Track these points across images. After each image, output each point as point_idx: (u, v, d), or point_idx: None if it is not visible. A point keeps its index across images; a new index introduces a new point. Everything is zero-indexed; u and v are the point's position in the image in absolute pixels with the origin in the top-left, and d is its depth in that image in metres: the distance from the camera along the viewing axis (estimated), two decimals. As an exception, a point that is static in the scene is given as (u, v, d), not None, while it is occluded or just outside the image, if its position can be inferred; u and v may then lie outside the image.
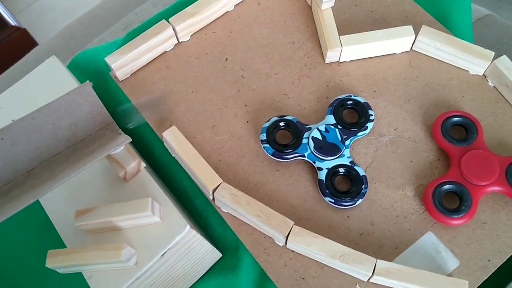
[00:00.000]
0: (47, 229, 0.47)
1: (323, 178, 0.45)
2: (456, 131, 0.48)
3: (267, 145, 0.46)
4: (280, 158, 0.46)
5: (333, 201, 0.44)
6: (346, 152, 0.46)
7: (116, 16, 0.89)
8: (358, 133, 0.47)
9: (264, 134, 0.47)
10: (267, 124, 0.48)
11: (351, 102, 0.48)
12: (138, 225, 0.43)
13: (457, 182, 0.44)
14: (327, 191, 0.44)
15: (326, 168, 0.45)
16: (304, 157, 0.46)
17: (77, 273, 0.43)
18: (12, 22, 1.26)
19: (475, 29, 0.74)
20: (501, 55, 0.49)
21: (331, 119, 0.47)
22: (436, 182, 0.45)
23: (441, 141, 0.46)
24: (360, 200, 0.45)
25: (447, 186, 0.44)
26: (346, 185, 0.46)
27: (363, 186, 0.45)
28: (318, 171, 0.45)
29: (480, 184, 0.44)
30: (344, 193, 0.45)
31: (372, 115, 0.48)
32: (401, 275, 0.40)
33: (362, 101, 0.48)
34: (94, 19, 0.93)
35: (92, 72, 0.61)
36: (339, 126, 0.47)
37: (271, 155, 0.46)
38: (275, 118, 0.48)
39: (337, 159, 0.46)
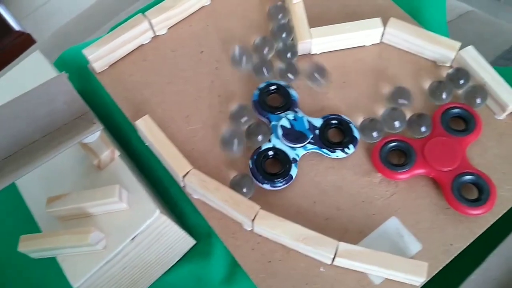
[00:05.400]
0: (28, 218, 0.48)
1: (263, 148, 0.47)
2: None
3: (257, 92, 0.50)
4: (254, 107, 0.50)
5: (250, 166, 0.47)
6: (300, 151, 0.47)
7: (108, 16, 0.91)
8: (323, 149, 0.47)
9: (264, 85, 0.50)
10: (273, 81, 0.51)
11: (344, 126, 0.49)
12: (108, 211, 0.44)
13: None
14: (255, 157, 0.47)
15: (273, 145, 0.48)
16: (270, 123, 0.49)
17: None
18: (16, 27, 1.29)
19: (457, 25, 0.75)
20: (480, 50, 0.50)
21: (318, 122, 0.49)
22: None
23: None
24: (268, 186, 0.46)
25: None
26: (273, 169, 0.47)
27: (281, 181, 0.46)
28: (267, 142, 0.48)
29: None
30: (263, 170, 0.47)
31: (349, 149, 0.47)
32: (362, 257, 0.41)
33: (355, 135, 0.48)
34: (88, 19, 0.95)
35: (77, 67, 0.63)
36: (317, 132, 0.48)
37: (252, 101, 0.50)
38: (282, 83, 0.50)
39: (289, 147, 0.47)
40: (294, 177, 0.46)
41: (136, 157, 0.55)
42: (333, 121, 0.48)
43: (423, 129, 0.46)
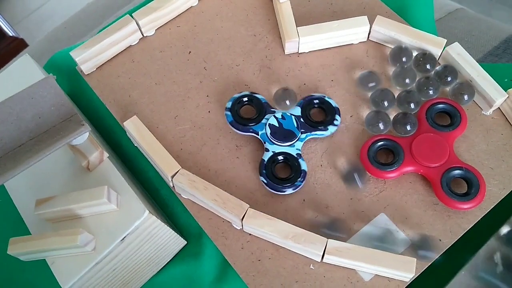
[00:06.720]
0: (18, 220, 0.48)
1: (266, 159, 0.47)
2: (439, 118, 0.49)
3: (229, 113, 0.49)
4: (235, 128, 0.48)
5: (265, 182, 0.46)
6: (298, 144, 0.47)
7: (98, 20, 0.91)
8: (317, 131, 0.48)
9: (230, 103, 0.49)
10: (236, 95, 0.50)
11: (322, 102, 0.49)
12: (97, 213, 0.44)
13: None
14: (264, 171, 0.46)
15: (272, 151, 0.47)
16: (258, 135, 0.48)
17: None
18: (10, 32, 1.29)
19: (446, 23, 0.75)
20: (469, 47, 0.50)
21: (297, 111, 0.49)
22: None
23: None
24: (291, 191, 0.46)
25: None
26: (285, 173, 0.47)
27: (300, 179, 0.46)
28: (264, 152, 0.47)
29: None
30: (279, 179, 0.46)
31: (337, 120, 0.49)
32: (351, 254, 0.42)
33: (334, 105, 0.49)
34: (78, 22, 0.95)
35: (67, 70, 0.63)
36: (302, 120, 0.48)
37: (229, 123, 0.48)
38: (245, 93, 0.50)
39: (286, 147, 0.47)
40: (307, 170, 0.47)
41: (127, 159, 0.55)
42: (310, 103, 0.49)
43: (408, 127, 0.47)
